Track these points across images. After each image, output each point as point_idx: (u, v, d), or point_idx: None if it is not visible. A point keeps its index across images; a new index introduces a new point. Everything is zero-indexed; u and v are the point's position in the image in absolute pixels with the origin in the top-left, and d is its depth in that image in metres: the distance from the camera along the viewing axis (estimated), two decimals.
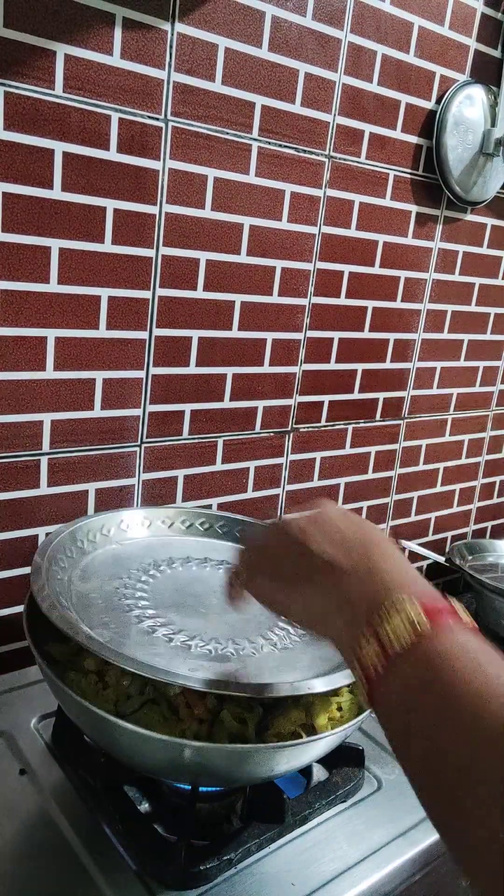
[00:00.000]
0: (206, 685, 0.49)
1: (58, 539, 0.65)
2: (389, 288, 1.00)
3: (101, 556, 0.69)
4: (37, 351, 0.72)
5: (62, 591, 0.59)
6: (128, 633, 0.56)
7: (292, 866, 0.55)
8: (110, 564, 0.67)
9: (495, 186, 1.05)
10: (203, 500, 0.90)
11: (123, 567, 0.67)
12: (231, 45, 0.76)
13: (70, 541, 0.67)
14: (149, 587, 0.64)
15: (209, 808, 0.59)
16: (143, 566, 0.68)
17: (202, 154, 0.77)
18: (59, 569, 0.62)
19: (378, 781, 0.66)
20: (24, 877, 0.52)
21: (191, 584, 0.66)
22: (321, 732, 0.54)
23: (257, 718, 0.54)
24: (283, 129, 0.82)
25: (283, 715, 0.54)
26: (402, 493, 1.15)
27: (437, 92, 0.95)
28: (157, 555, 0.71)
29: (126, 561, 0.68)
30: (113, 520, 0.73)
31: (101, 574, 0.65)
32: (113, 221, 0.73)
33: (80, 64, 0.67)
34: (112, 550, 0.70)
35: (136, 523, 0.74)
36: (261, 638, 0.59)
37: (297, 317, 0.91)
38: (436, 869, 0.59)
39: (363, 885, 0.55)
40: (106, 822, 0.57)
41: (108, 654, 0.50)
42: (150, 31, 0.70)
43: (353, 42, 0.85)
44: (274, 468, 0.96)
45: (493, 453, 1.29)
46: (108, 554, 0.69)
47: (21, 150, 0.66)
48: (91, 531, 0.70)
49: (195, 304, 0.82)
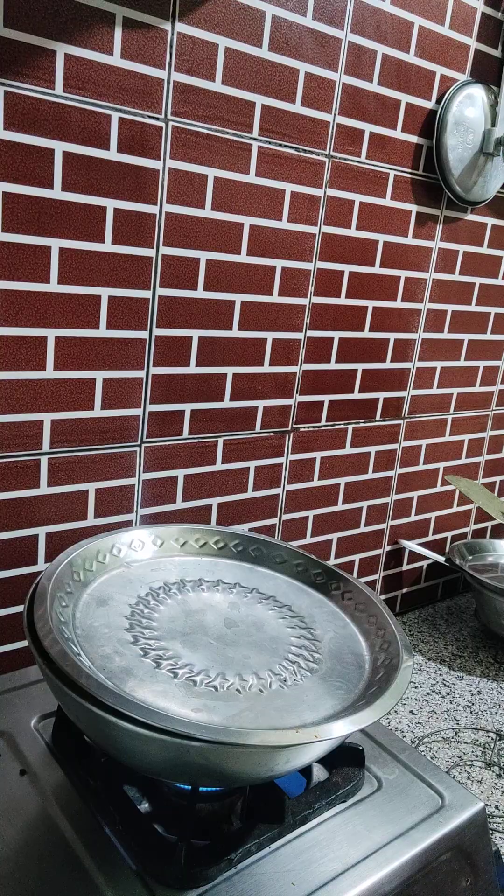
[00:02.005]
0: (212, 733, 0.48)
1: (65, 563, 0.64)
2: (389, 288, 1.00)
3: (110, 580, 0.67)
4: (37, 351, 0.72)
5: (66, 620, 0.59)
6: (131, 667, 0.55)
7: (292, 866, 0.55)
8: (118, 588, 0.66)
9: (495, 186, 1.05)
10: (203, 500, 0.90)
11: (132, 592, 0.66)
12: (231, 45, 0.76)
13: (79, 564, 0.66)
14: (157, 614, 0.63)
15: (209, 808, 0.59)
16: (153, 591, 0.67)
17: (202, 154, 0.77)
18: (64, 594, 0.61)
19: (378, 781, 0.65)
20: (25, 877, 0.52)
21: (201, 611, 0.65)
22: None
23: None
24: (284, 129, 0.82)
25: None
26: (402, 493, 1.15)
27: (437, 91, 0.95)
28: (168, 577, 0.70)
29: (135, 585, 0.67)
30: (123, 539, 0.71)
31: (109, 600, 0.64)
32: (113, 221, 0.73)
33: (80, 63, 0.67)
34: (121, 574, 0.69)
35: (147, 542, 0.73)
36: (269, 672, 0.59)
37: (298, 316, 0.91)
38: (436, 869, 0.59)
39: (363, 885, 0.55)
40: (106, 823, 0.57)
41: (107, 697, 0.49)
42: (150, 30, 0.70)
43: (354, 42, 0.85)
44: (274, 468, 0.96)
45: (493, 453, 1.29)
46: (116, 577, 0.68)
47: (21, 150, 0.66)
48: (101, 551, 0.68)
49: (195, 304, 0.82)
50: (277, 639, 0.64)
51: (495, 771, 0.83)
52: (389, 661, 0.61)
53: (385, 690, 0.55)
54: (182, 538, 0.75)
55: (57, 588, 0.61)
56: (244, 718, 0.53)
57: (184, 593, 0.68)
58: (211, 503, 0.91)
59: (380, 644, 0.64)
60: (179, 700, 0.53)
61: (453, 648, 1.11)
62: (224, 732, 0.48)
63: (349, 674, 0.61)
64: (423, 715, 0.93)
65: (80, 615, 0.61)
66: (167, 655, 0.58)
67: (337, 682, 0.59)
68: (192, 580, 0.70)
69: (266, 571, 0.75)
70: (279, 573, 0.75)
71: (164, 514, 0.87)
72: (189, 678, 0.56)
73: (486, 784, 0.80)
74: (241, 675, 0.57)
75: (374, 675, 0.60)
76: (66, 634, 0.56)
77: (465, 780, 0.81)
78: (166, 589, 0.68)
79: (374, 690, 0.57)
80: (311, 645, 0.64)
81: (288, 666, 0.60)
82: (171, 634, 0.61)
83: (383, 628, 0.65)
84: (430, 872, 0.59)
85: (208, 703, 0.53)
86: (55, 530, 0.79)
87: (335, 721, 0.52)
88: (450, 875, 0.61)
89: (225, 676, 0.57)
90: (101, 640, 0.58)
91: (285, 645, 0.63)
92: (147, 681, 0.54)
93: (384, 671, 0.60)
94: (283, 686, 0.57)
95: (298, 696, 0.57)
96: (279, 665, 0.60)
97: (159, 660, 0.57)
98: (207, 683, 0.56)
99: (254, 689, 0.56)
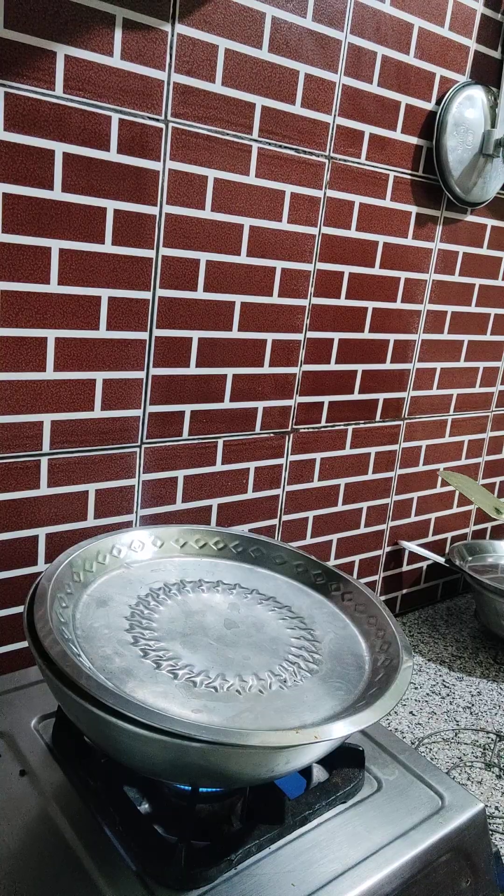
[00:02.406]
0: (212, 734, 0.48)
1: (65, 563, 0.64)
2: (389, 289, 1.00)
3: (110, 581, 0.67)
4: (37, 351, 0.73)
5: (66, 621, 0.59)
6: (131, 668, 0.55)
7: (292, 867, 0.55)
8: (118, 589, 0.66)
9: (495, 187, 1.05)
10: (203, 501, 0.90)
11: (132, 593, 0.66)
12: (231, 46, 0.76)
13: (79, 564, 0.66)
14: (157, 615, 0.63)
15: (209, 808, 0.59)
16: (153, 591, 0.67)
17: (202, 155, 0.77)
18: (64, 595, 0.61)
19: (378, 782, 0.65)
20: (25, 877, 0.52)
21: (201, 612, 0.65)
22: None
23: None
24: (284, 130, 0.83)
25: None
26: (402, 494, 1.15)
27: (437, 93, 0.95)
28: (168, 578, 0.70)
29: (135, 585, 0.67)
30: (123, 540, 0.71)
31: (109, 600, 0.64)
32: (113, 222, 0.73)
33: (80, 65, 0.68)
34: (121, 574, 0.69)
35: (147, 543, 0.73)
36: (269, 673, 0.59)
37: (298, 317, 0.91)
38: (436, 870, 0.59)
39: (363, 885, 0.55)
40: (106, 823, 0.57)
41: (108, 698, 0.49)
42: (150, 31, 0.71)
43: (353, 43, 0.85)
44: (274, 469, 0.96)
45: (493, 454, 1.29)
46: (116, 578, 0.68)
47: (21, 151, 0.66)
48: (101, 552, 0.68)
49: (195, 305, 0.82)
50: (277, 640, 0.64)
51: (495, 772, 0.83)
52: (389, 661, 0.61)
53: (385, 691, 0.55)
54: (182, 539, 0.75)
55: (57, 589, 0.61)
56: (244, 719, 0.53)
57: (184, 594, 0.68)
58: (211, 504, 0.91)
59: (380, 645, 0.64)
60: (179, 701, 0.53)
61: (453, 649, 1.11)
62: (224, 733, 0.48)
63: (349, 675, 0.61)
64: (422, 716, 0.93)
65: (80, 616, 0.61)
66: (167, 656, 0.58)
67: (337, 683, 0.59)
68: (192, 581, 0.70)
69: (266, 572, 0.75)
70: (279, 574, 0.75)
71: (164, 514, 0.87)
72: (189, 679, 0.56)
73: (486, 785, 0.80)
74: (241, 676, 0.57)
75: (373, 675, 0.60)
76: (66, 635, 0.56)
77: (464, 780, 0.81)
78: (166, 590, 0.68)
79: (374, 691, 0.57)
80: (311, 646, 0.64)
81: (288, 667, 0.60)
82: (171, 635, 0.61)
83: (383, 629, 0.65)
84: (430, 873, 0.59)
85: (208, 703, 0.53)
86: (55, 531, 0.79)
87: (335, 722, 0.52)
88: (450, 876, 0.61)
89: (225, 677, 0.57)
90: (101, 641, 0.58)
91: (285, 646, 0.63)
92: (147, 681, 0.54)
93: (384, 672, 0.60)
94: (283, 687, 0.57)
95: (298, 697, 0.57)
96: (279, 666, 0.60)
97: (159, 660, 0.57)
98: (207, 684, 0.56)
99: (254, 690, 0.56)
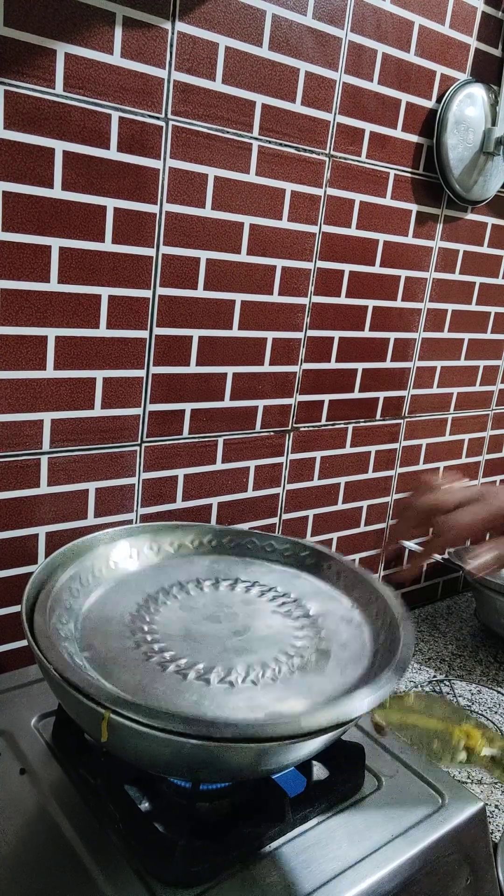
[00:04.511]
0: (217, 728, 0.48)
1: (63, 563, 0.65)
2: (390, 287, 1.00)
3: (110, 581, 0.68)
4: (37, 350, 0.72)
5: (66, 619, 0.59)
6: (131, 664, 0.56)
7: (292, 865, 0.55)
8: (119, 588, 0.67)
9: (496, 185, 1.04)
10: (203, 500, 0.90)
11: (132, 592, 0.66)
12: (231, 44, 0.76)
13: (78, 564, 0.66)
14: (158, 615, 0.64)
15: (209, 806, 0.59)
16: (153, 592, 0.67)
17: (202, 153, 0.77)
18: (65, 595, 0.62)
19: (378, 780, 0.65)
20: (25, 876, 0.52)
21: (201, 607, 0.66)
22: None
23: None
24: (284, 128, 0.82)
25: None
26: (402, 493, 1.15)
27: (437, 91, 0.95)
28: (168, 577, 0.70)
29: (135, 586, 0.68)
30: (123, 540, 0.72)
31: (109, 598, 0.65)
32: (113, 220, 0.73)
33: (80, 63, 0.67)
34: (121, 574, 0.69)
35: (145, 544, 0.73)
36: (274, 663, 0.59)
37: (298, 316, 0.91)
38: (436, 868, 0.59)
39: (363, 884, 0.55)
40: (106, 822, 0.57)
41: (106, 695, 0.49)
42: (150, 29, 0.70)
43: (354, 41, 0.85)
44: (274, 467, 0.96)
45: (493, 453, 1.29)
46: (116, 578, 0.69)
47: (21, 149, 0.66)
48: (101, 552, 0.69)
49: (195, 304, 0.82)
50: (279, 629, 0.64)
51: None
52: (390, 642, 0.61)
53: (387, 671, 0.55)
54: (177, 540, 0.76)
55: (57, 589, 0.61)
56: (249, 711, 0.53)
57: (183, 592, 0.68)
58: (211, 502, 0.91)
59: (381, 624, 0.64)
60: (180, 695, 0.53)
61: (453, 648, 1.11)
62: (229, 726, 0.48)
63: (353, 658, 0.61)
64: None
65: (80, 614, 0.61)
66: (168, 653, 0.58)
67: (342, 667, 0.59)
68: (192, 579, 0.70)
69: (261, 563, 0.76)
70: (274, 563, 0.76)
71: (164, 513, 0.87)
72: (185, 671, 0.56)
73: (486, 783, 0.80)
74: (244, 668, 0.57)
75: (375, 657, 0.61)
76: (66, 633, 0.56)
77: (465, 779, 0.81)
78: (166, 590, 0.68)
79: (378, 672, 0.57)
80: (313, 633, 0.64)
81: (292, 655, 0.60)
82: (171, 631, 0.61)
83: (383, 609, 0.66)
84: (430, 872, 0.59)
85: (209, 697, 0.54)
86: (55, 530, 0.79)
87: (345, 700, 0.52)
88: (450, 874, 0.61)
89: (227, 671, 0.57)
90: (101, 638, 0.58)
91: (288, 636, 0.63)
92: (147, 677, 0.55)
93: (385, 652, 0.60)
94: (290, 675, 0.58)
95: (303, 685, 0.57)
96: (283, 655, 0.60)
97: (162, 658, 0.57)
98: (207, 678, 0.56)
99: (258, 681, 0.56)
